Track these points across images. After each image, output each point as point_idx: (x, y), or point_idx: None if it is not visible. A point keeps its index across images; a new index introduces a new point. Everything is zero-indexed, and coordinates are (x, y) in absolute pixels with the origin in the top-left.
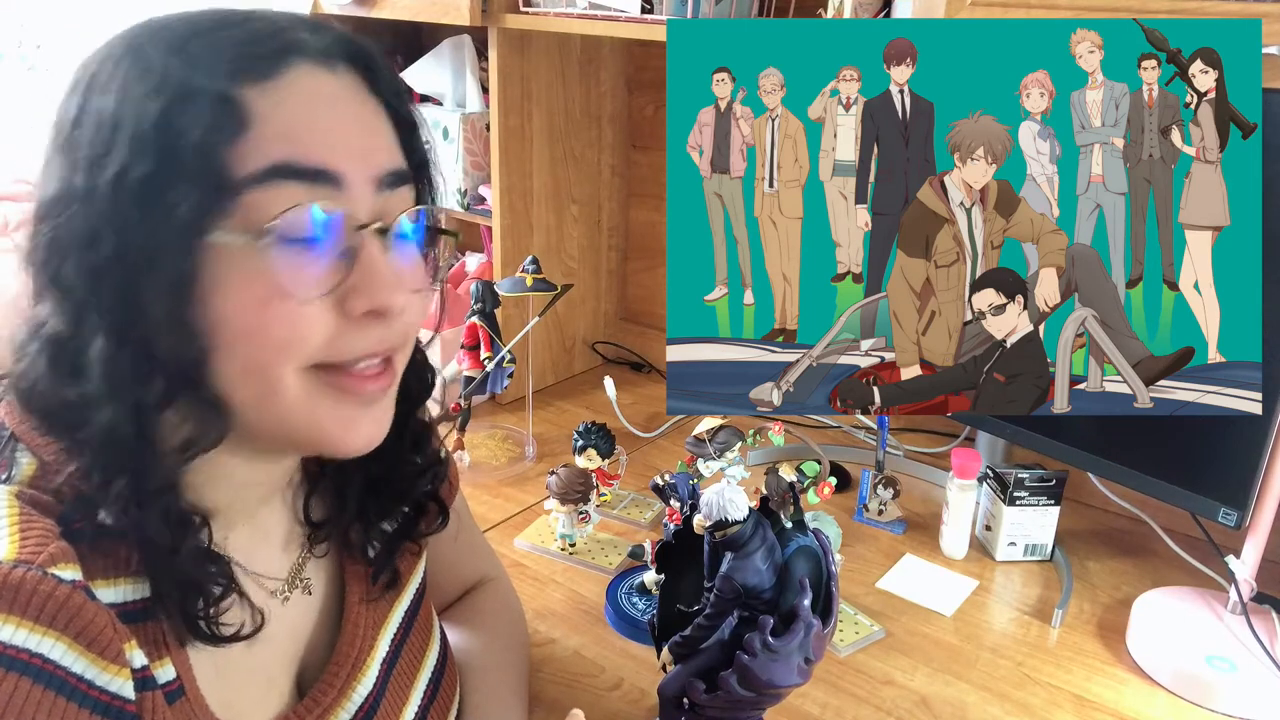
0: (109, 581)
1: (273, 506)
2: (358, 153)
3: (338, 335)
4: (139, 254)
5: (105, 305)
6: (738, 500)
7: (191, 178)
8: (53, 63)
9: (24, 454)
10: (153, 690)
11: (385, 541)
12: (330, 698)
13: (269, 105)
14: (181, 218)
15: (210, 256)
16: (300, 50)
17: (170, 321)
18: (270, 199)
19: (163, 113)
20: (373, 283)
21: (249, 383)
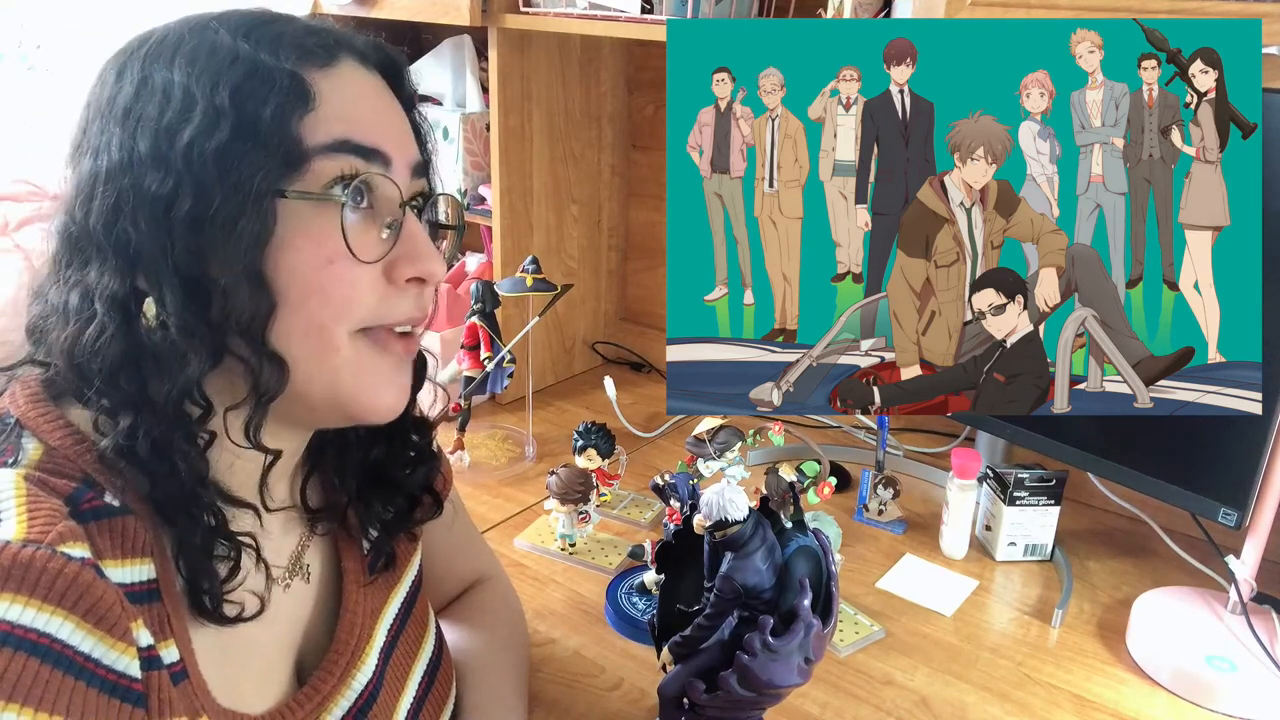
0: (117, 562)
1: (277, 491)
2: (399, 138)
3: (384, 299)
4: (217, 214)
5: (177, 263)
6: (738, 500)
7: (268, 145)
8: (53, 63)
9: (29, 439)
10: (158, 670)
11: (382, 526)
12: (330, 685)
13: (329, 88)
14: (260, 181)
15: (283, 217)
16: (349, 46)
17: (247, 277)
18: (336, 168)
19: (238, 86)
20: (418, 251)
21: (309, 339)
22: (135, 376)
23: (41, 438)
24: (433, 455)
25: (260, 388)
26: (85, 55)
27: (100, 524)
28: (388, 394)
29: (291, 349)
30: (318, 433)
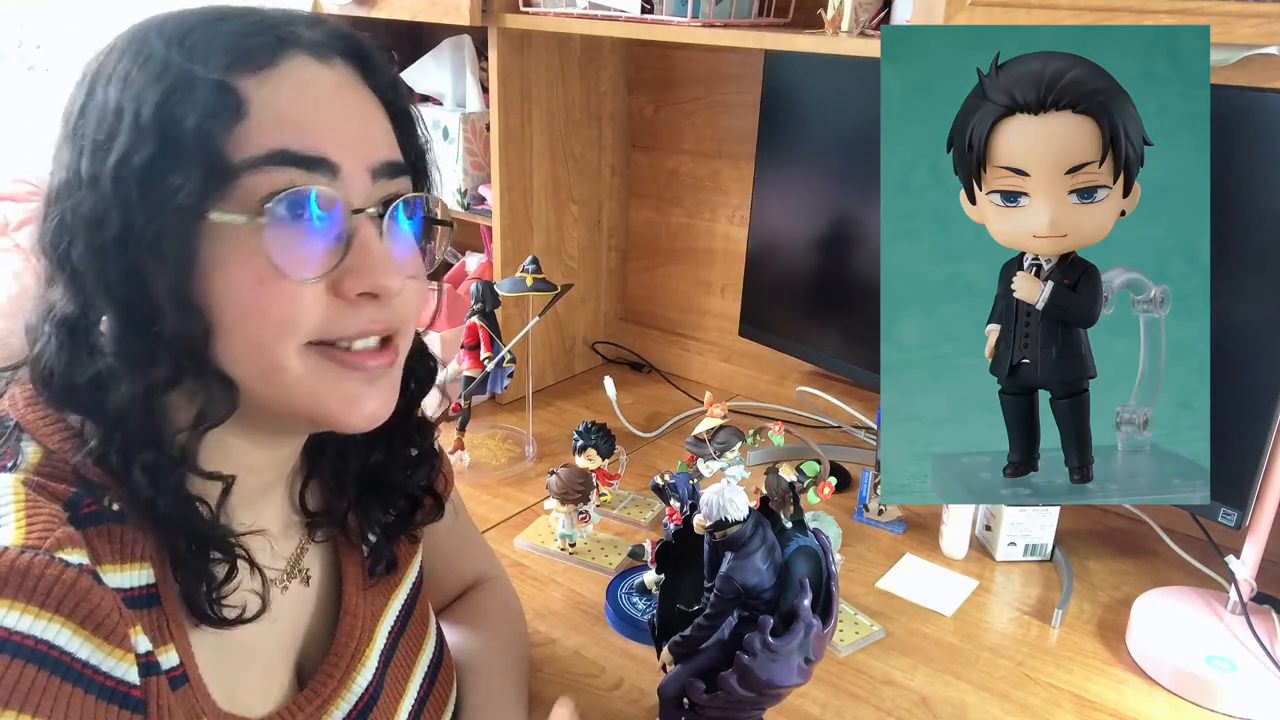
0: (115, 567)
1: (274, 495)
2: (352, 142)
3: (333, 315)
4: (142, 235)
5: (112, 286)
6: (738, 500)
7: (191, 161)
8: (53, 63)
9: (29, 443)
10: (157, 676)
11: (382, 529)
12: (330, 688)
13: (266, 94)
14: (182, 200)
15: (211, 238)
16: (296, 42)
17: (174, 300)
18: (268, 183)
19: (163, 100)
20: (367, 265)
21: (252, 360)
22: (88, 396)
23: (40, 441)
24: (434, 456)
25: (205, 411)
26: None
27: (99, 529)
28: (357, 409)
29: (238, 369)
30: (317, 437)
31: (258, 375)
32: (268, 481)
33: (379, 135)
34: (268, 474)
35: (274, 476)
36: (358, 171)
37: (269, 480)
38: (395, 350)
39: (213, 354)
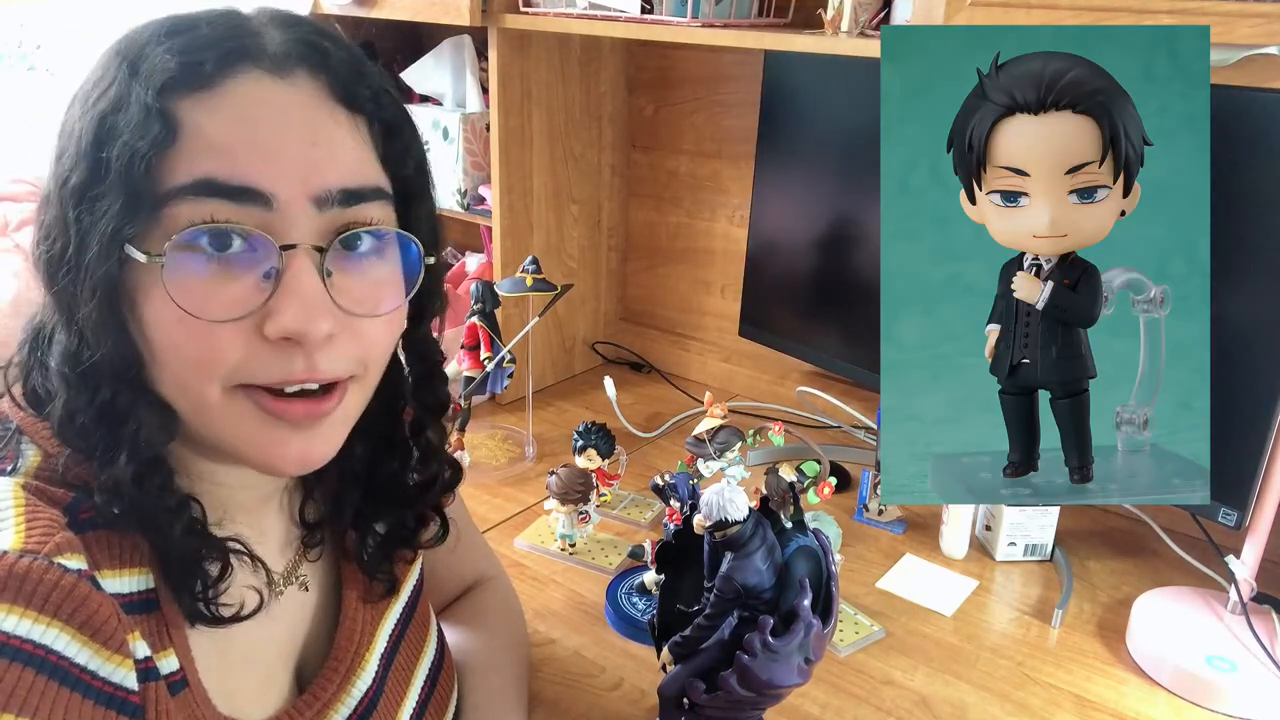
0: (114, 572)
1: (271, 507)
2: (294, 169)
3: (254, 359)
4: (74, 258)
5: (60, 304)
6: (738, 500)
7: (116, 187)
8: (53, 63)
9: (29, 446)
10: (156, 681)
11: (382, 548)
12: (330, 693)
13: (202, 117)
14: (106, 227)
15: (133, 268)
16: (248, 57)
17: (100, 326)
18: (190, 215)
19: (99, 122)
20: (289, 306)
21: (181, 395)
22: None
23: (40, 444)
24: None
25: (143, 435)
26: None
27: (97, 534)
28: (280, 456)
29: (173, 400)
30: None
31: (188, 409)
32: (264, 495)
33: (335, 157)
34: (262, 488)
35: (269, 490)
36: (297, 201)
37: (265, 494)
38: (338, 395)
39: (149, 381)
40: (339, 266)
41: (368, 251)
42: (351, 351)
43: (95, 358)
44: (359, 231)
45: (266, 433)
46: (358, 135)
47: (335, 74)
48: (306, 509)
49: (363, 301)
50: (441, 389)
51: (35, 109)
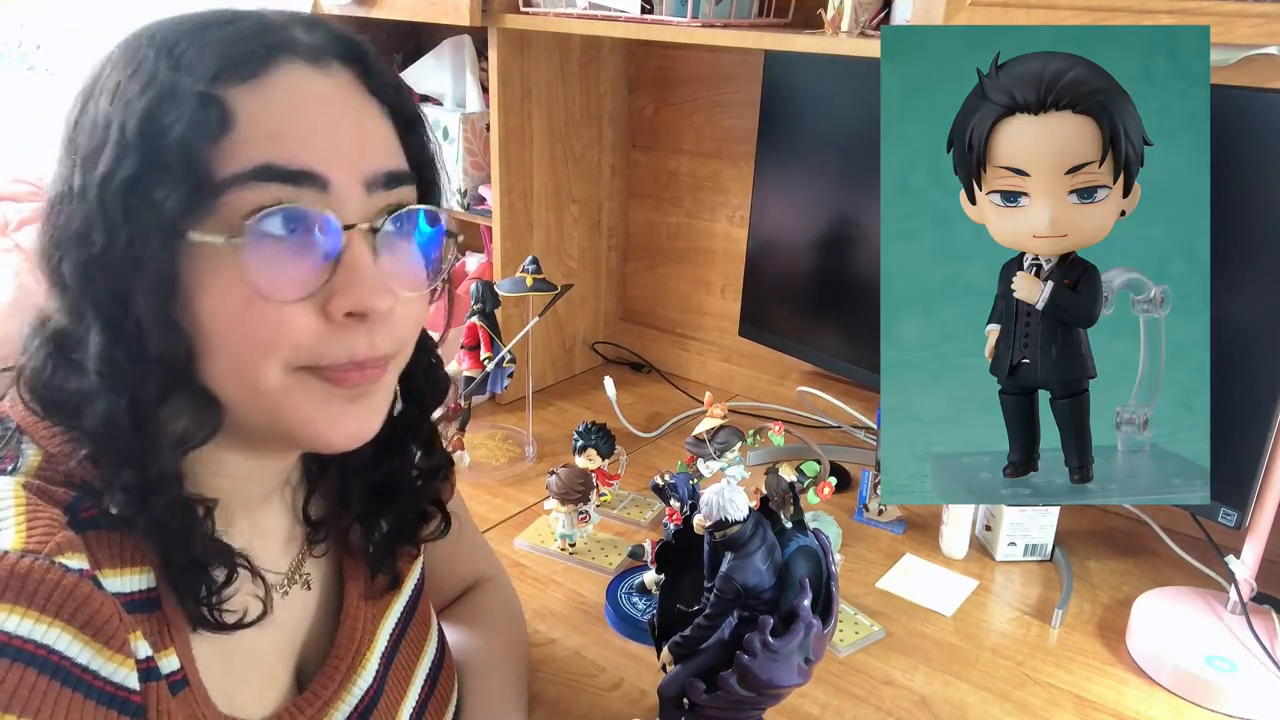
0: (115, 572)
1: (272, 504)
2: (346, 153)
3: (321, 338)
4: (125, 252)
5: (99, 302)
6: (738, 500)
7: (173, 177)
8: (53, 63)
9: (30, 445)
10: (157, 681)
11: (385, 543)
12: (330, 691)
13: (254, 105)
14: (163, 217)
15: (193, 257)
16: (289, 49)
17: (156, 320)
18: (252, 200)
19: (147, 112)
20: (355, 284)
21: (236, 381)
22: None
23: (40, 443)
24: (444, 468)
25: (187, 431)
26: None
27: (98, 533)
28: (338, 427)
29: (222, 387)
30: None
31: (241, 395)
32: (267, 490)
33: (377, 144)
34: (267, 483)
35: (273, 485)
36: (350, 184)
37: (269, 489)
38: (383, 366)
39: (197, 373)
40: (385, 246)
41: (408, 231)
42: (399, 329)
43: (145, 353)
44: (411, 210)
45: (325, 407)
46: (387, 125)
47: (364, 66)
48: (310, 505)
49: (404, 279)
50: (442, 376)
51: (35, 109)
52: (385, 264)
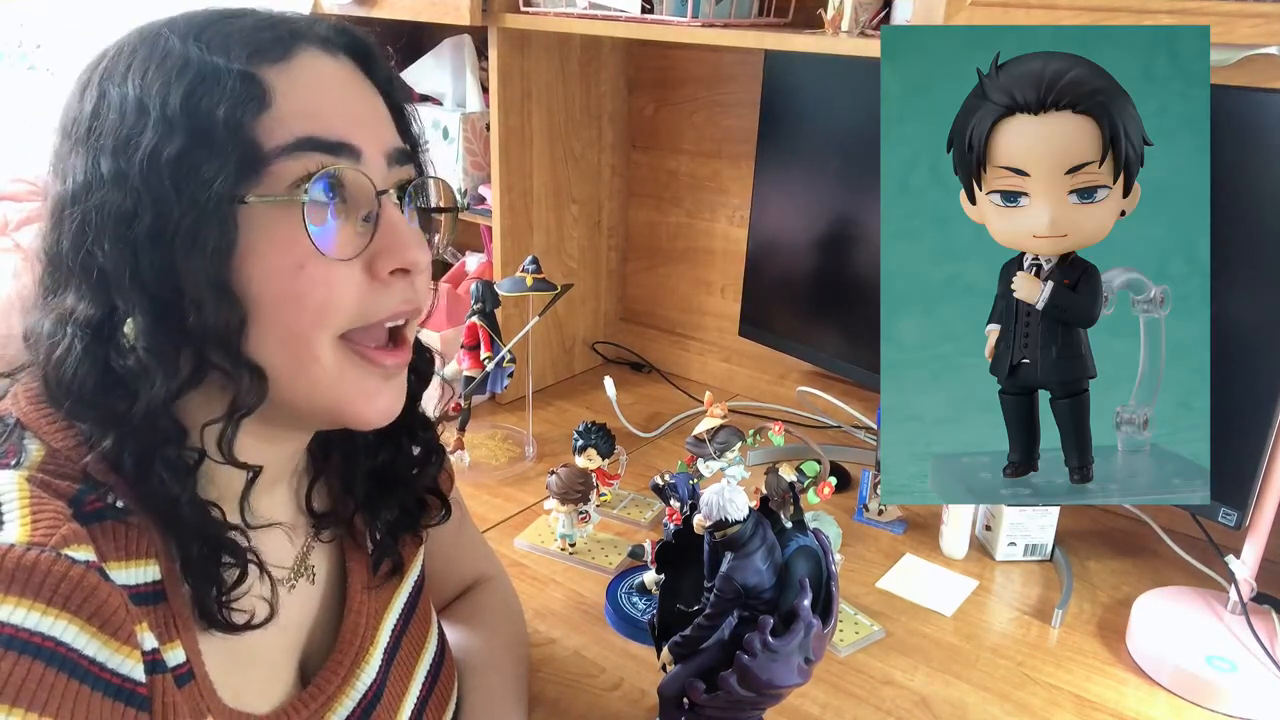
0: (121, 564)
1: (277, 494)
2: (369, 128)
3: (368, 296)
4: (178, 227)
5: (145, 282)
6: (738, 500)
7: (223, 150)
8: (53, 63)
9: (32, 441)
10: (163, 673)
11: (388, 530)
12: (334, 685)
13: (286, 84)
14: (218, 189)
15: (248, 225)
16: (306, 36)
17: (213, 289)
18: (299, 168)
19: (189, 92)
20: (398, 242)
21: (286, 350)
22: (111, 398)
23: (43, 439)
24: (439, 452)
25: (238, 400)
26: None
27: (104, 526)
28: (374, 404)
29: (270, 359)
30: (324, 438)
31: (290, 365)
32: (273, 476)
33: (388, 123)
34: (273, 469)
35: (279, 472)
36: (376, 156)
37: (273, 475)
38: (407, 347)
39: (246, 345)
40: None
41: (420, 203)
42: (421, 287)
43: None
44: (422, 179)
45: (365, 383)
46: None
47: (365, 57)
48: (314, 495)
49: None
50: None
51: (35, 109)
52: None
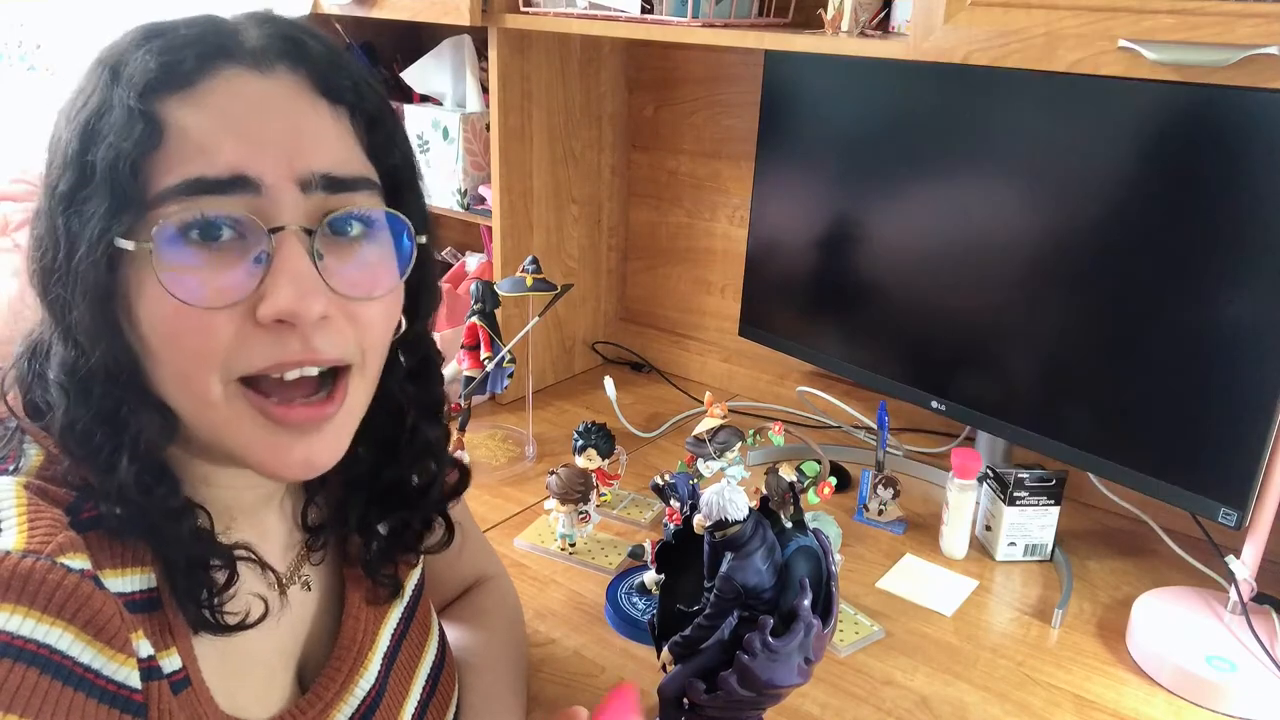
0: (116, 572)
1: (270, 511)
2: (278, 153)
3: (245, 343)
4: (65, 264)
5: (55, 314)
6: (738, 500)
7: (102, 189)
8: (53, 63)
9: (32, 445)
10: (158, 680)
11: (384, 553)
12: (333, 692)
13: (187, 115)
14: (94, 228)
15: (130, 266)
16: (228, 55)
17: (94, 330)
18: (180, 212)
19: (83, 130)
20: (281, 287)
21: (181, 391)
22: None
23: (43, 444)
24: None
25: (143, 438)
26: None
27: (99, 534)
28: (283, 460)
29: (173, 398)
30: None
31: (189, 407)
32: (264, 495)
33: (318, 146)
34: (259, 490)
35: (268, 492)
36: (282, 184)
37: (264, 495)
38: (339, 397)
39: (147, 382)
40: (331, 250)
41: (359, 236)
42: (349, 335)
43: (91, 363)
44: (347, 214)
45: (269, 437)
46: (341, 126)
47: (314, 66)
48: (308, 513)
49: (357, 284)
50: (436, 386)
51: (35, 109)
52: (331, 267)
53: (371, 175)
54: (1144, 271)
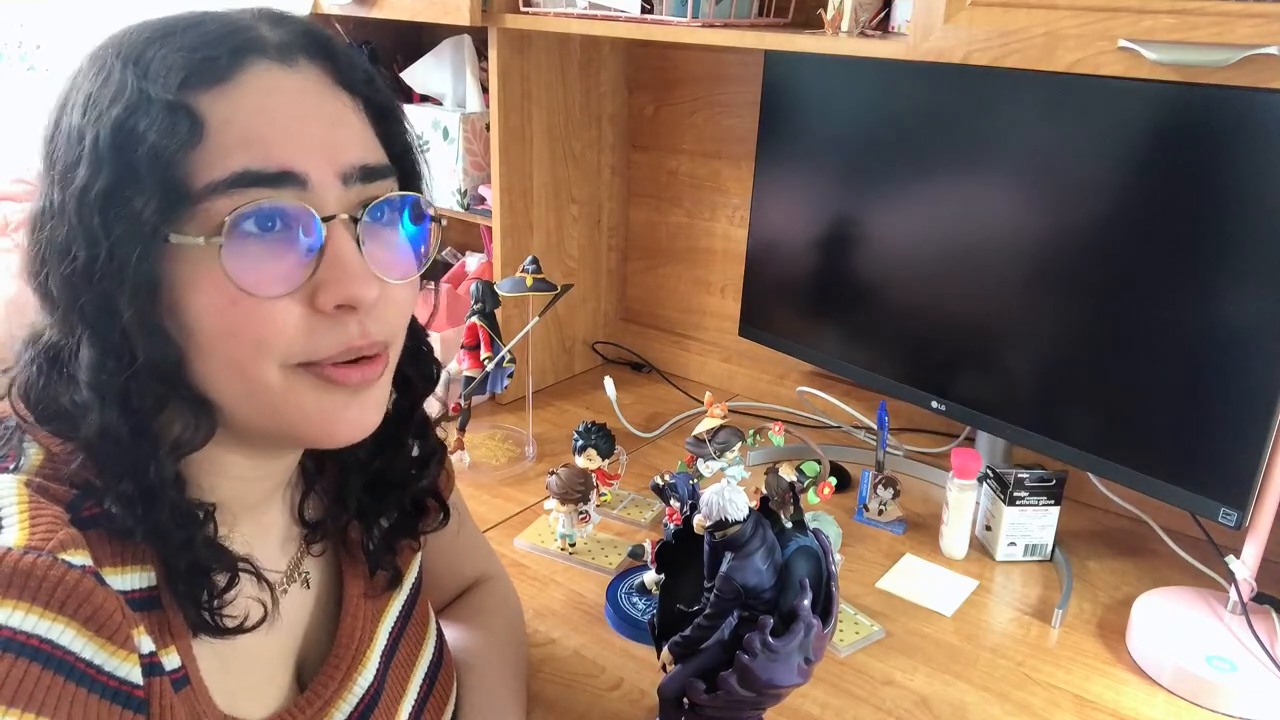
0: (117, 569)
1: (273, 503)
2: (320, 149)
3: (312, 331)
4: (107, 264)
5: (86, 316)
6: (738, 500)
7: (146, 188)
8: (53, 63)
9: (31, 444)
10: (160, 676)
11: (385, 538)
12: (331, 690)
13: (226, 109)
14: (142, 225)
15: (177, 261)
16: (256, 49)
17: (144, 328)
18: (232, 204)
19: (118, 124)
20: (341, 275)
21: (232, 381)
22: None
23: (43, 442)
24: (437, 456)
25: (184, 436)
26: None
27: (100, 531)
28: (337, 422)
29: (220, 389)
30: (318, 450)
31: (239, 395)
32: (267, 491)
33: (350, 138)
34: (266, 484)
35: (276, 484)
36: (328, 179)
37: (268, 490)
38: (383, 361)
39: (190, 378)
40: (369, 236)
41: (389, 221)
42: (390, 317)
43: (137, 362)
44: (385, 201)
45: (326, 399)
46: (361, 117)
47: (334, 60)
48: (306, 505)
49: (394, 267)
50: (432, 364)
51: (35, 109)
52: (371, 253)
53: (389, 164)
54: (1144, 271)
